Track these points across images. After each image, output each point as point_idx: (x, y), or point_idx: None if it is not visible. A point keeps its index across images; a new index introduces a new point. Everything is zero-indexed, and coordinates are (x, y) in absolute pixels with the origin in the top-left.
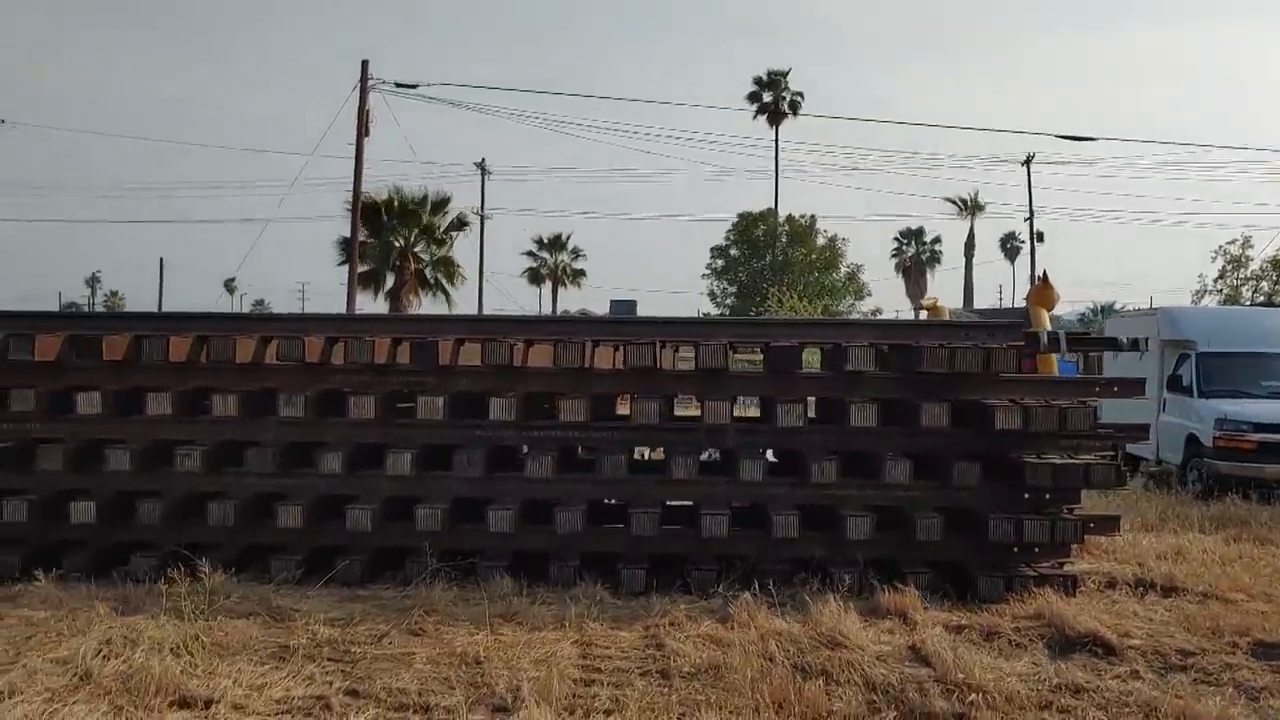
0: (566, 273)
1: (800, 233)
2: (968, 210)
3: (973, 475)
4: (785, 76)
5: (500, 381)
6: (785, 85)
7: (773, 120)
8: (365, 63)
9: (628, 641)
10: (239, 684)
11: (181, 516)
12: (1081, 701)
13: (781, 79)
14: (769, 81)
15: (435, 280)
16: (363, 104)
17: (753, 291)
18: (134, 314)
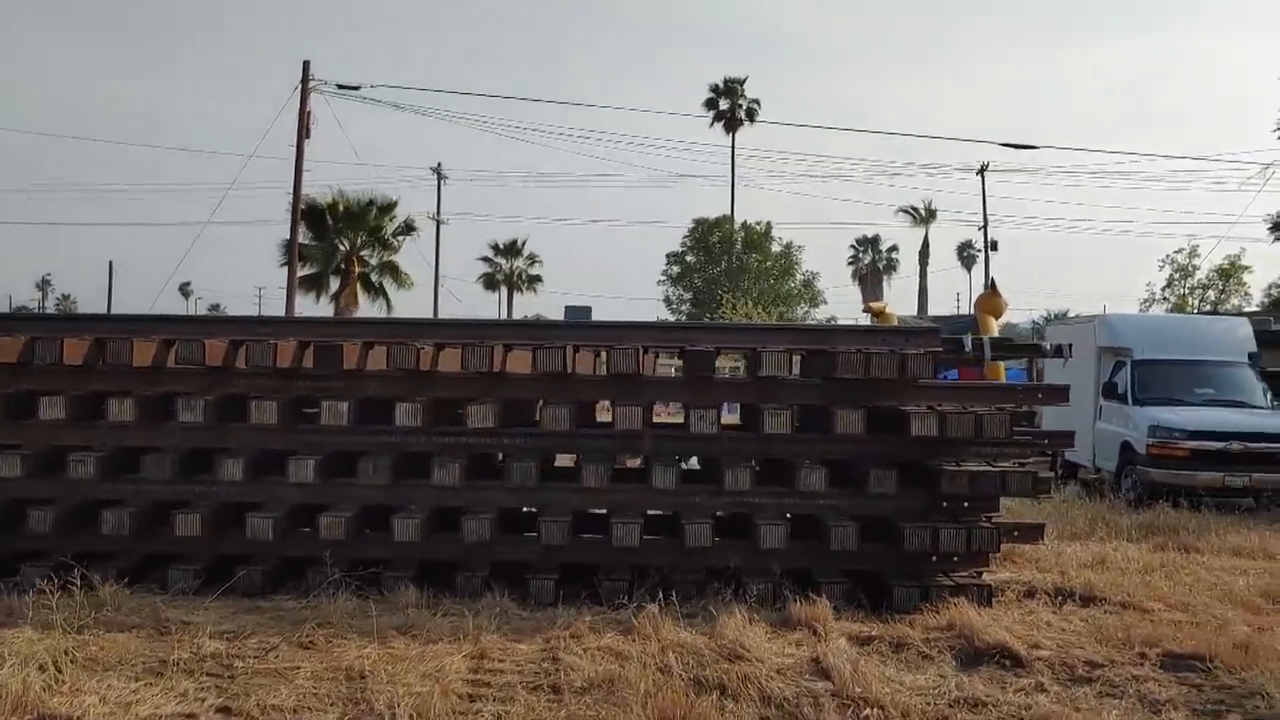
0: (522, 278)
1: (756, 239)
2: (922, 219)
3: (889, 483)
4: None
5: (409, 386)
6: (742, 93)
7: (729, 127)
8: (307, 63)
9: (524, 655)
10: (106, 701)
11: (77, 525)
12: (979, 716)
13: (738, 86)
14: (726, 89)
15: (380, 285)
16: (303, 105)
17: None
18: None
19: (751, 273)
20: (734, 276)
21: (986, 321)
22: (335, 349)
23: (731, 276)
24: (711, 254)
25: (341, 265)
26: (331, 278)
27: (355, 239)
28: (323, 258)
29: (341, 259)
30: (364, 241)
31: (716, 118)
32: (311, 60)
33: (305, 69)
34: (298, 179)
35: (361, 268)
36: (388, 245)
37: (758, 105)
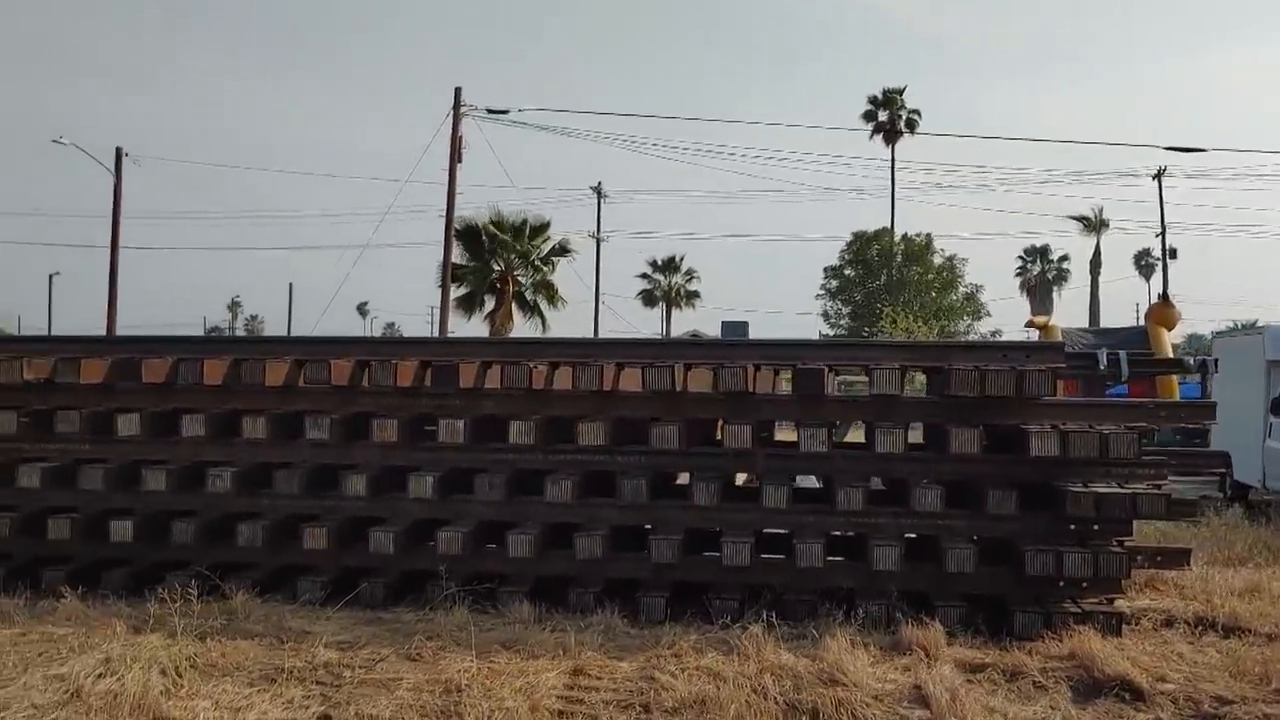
0: (681, 294)
1: (916, 252)
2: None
3: (1009, 504)
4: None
5: (523, 405)
6: (901, 103)
7: (889, 139)
8: (458, 90)
9: (622, 673)
10: (218, 706)
11: (216, 537)
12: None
13: (897, 96)
14: (884, 100)
15: (534, 303)
16: (455, 130)
17: (867, 312)
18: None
19: (912, 286)
20: (894, 290)
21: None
22: (452, 369)
23: (891, 290)
24: (870, 267)
25: (496, 285)
26: (486, 297)
27: (509, 259)
28: (477, 278)
29: (496, 278)
30: (518, 261)
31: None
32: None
33: (457, 95)
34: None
35: (516, 287)
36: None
37: (918, 116)
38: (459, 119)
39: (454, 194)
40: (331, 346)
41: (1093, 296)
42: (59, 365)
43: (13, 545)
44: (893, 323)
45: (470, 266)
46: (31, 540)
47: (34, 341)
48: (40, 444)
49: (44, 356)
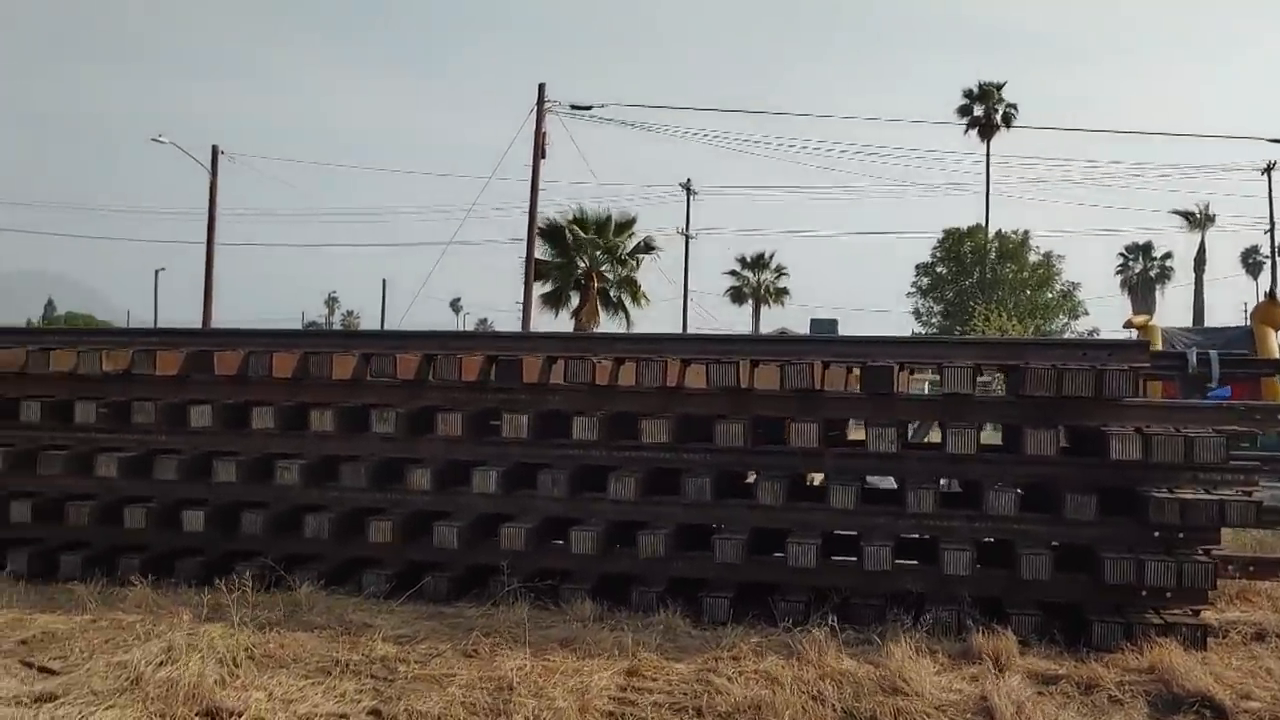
0: (769, 291)
1: (1011, 249)
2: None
3: (1088, 509)
4: (999, 89)
5: (588, 400)
6: (999, 97)
7: (984, 133)
8: (542, 86)
9: (678, 674)
10: (271, 697)
11: (284, 529)
12: None
13: (994, 90)
14: (980, 93)
15: (619, 300)
16: (539, 127)
17: (960, 310)
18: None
19: (1006, 284)
20: (987, 288)
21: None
22: (516, 363)
23: (985, 288)
24: (963, 265)
25: (581, 282)
26: (572, 294)
27: (594, 256)
28: (562, 275)
29: (580, 275)
30: (602, 258)
31: (971, 124)
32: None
33: (541, 91)
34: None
35: (600, 284)
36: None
37: (1014, 110)
38: (543, 115)
39: (537, 190)
40: (398, 340)
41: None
42: (136, 357)
43: (91, 533)
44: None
45: (555, 263)
46: (109, 529)
47: (113, 334)
48: (118, 434)
49: (122, 349)
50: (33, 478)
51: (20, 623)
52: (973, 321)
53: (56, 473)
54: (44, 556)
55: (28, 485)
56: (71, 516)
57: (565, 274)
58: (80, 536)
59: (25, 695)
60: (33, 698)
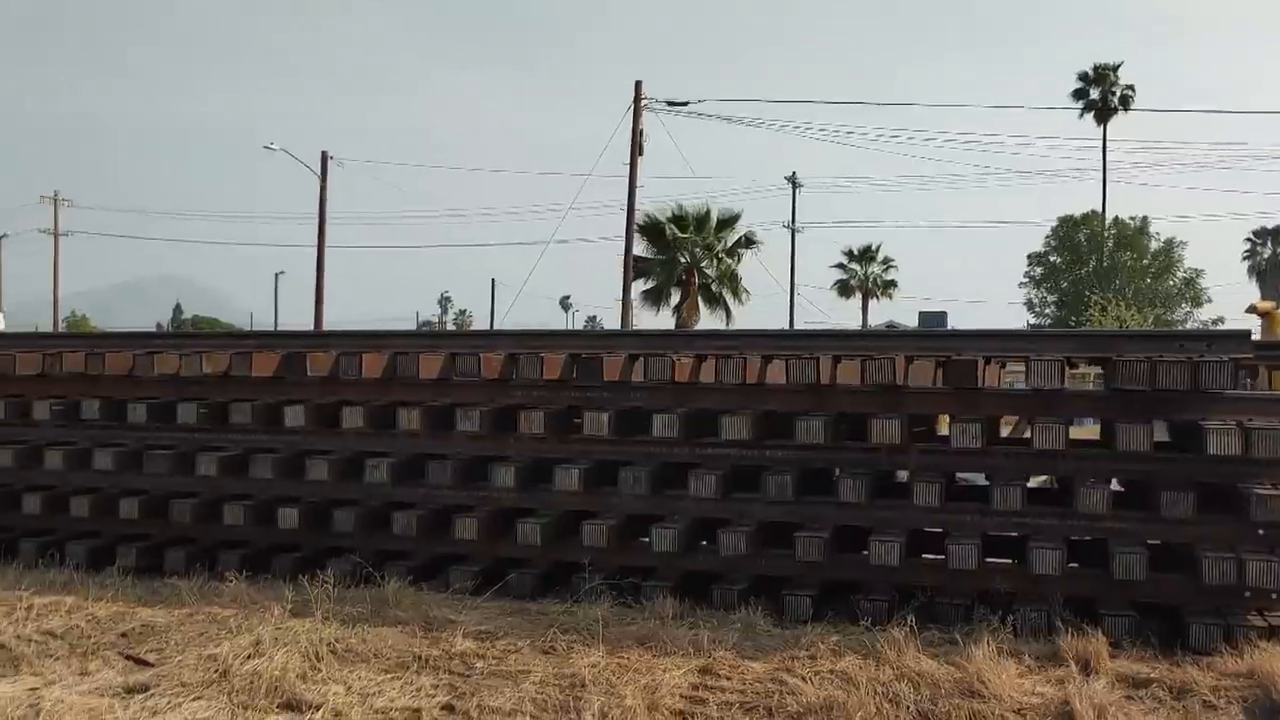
0: (877, 284)
1: (1129, 236)
2: None
3: (1185, 507)
4: (1115, 70)
5: (668, 398)
6: (1115, 79)
7: (1100, 117)
8: (639, 83)
9: (753, 673)
10: (350, 691)
11: (374, 525)
12: None
13: (1110, 73)
14: (1096, 76)
15: (720, 296)
16: (636, 124)
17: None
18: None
19: (1125, 272)
20: (1104, 277)
21: None
22: (597, 361)
23: (1101, 277)
24: (1079, 253)
25: (681, 278)
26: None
27: (694, 252)
28: (663, 271)
29: (681, 272)
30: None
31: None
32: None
33: (637, 88)
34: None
35: (701, 280)
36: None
37: (1132, 92)
38: (639, 112)
39: (635, 188)
40: (482, 340)
41: None
42: (234, 360)
43: (194, 530)
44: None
45: (655, 260)
46: (210, 525)
47: (213, 338)
48: (218, 434)
49: (221, 351)
50: (139, 476)
51: (123, 616)
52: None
53: (161, 471)
54: (151, 552)
55: (135, 484)
56: (175, 513)
57: (666, 270)
58: (184, 533)
59: (120, 686)
60: (126, 688)
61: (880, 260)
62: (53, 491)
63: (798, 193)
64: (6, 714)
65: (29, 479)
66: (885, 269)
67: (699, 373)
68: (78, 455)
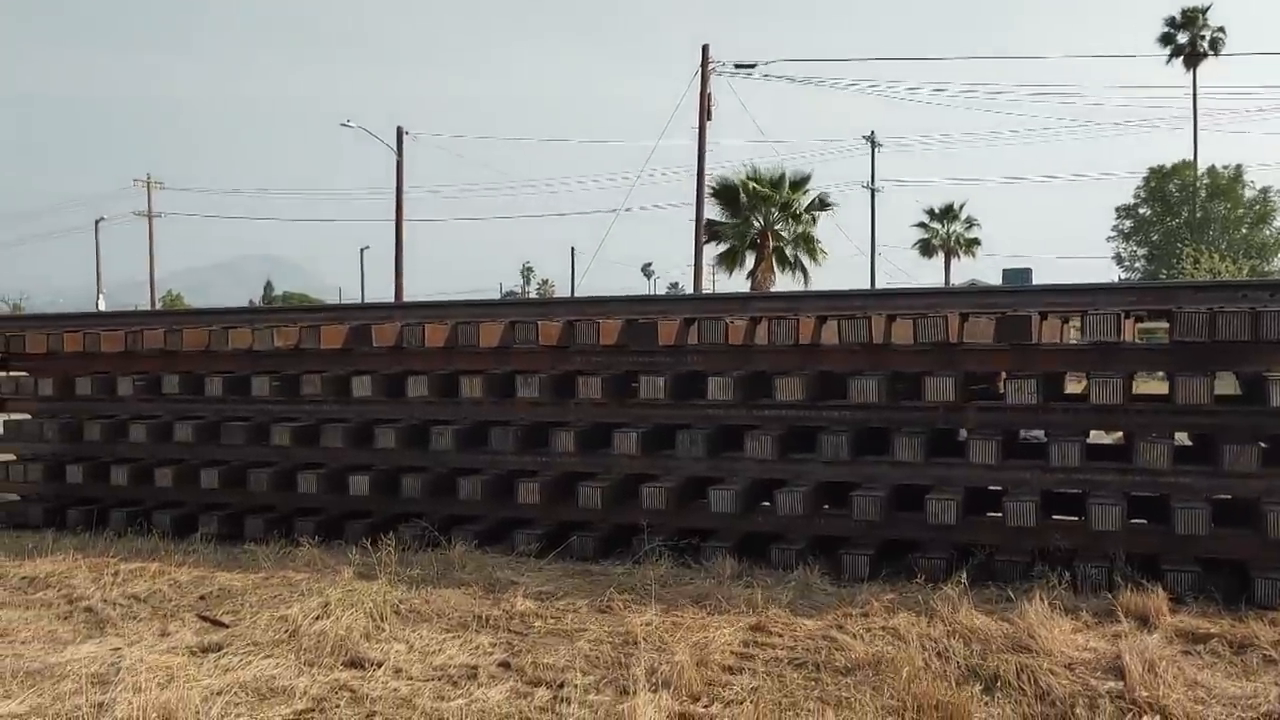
0: (960, 242)
1: (1223, 186)
2: None
3: (1249, 460)
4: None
5: (724, 361)
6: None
7: (1189, 62)
8: (705, 47)
9: (805, 630)
10: (412, 649)
11: (441, 491)
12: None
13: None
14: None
15: (795, 258)
16: (704, 88)
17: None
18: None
19: (1219, 223)
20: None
21: None
22: (652, 326)
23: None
24: (1170, 205)
25: (756, 241)
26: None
27: (768, 214)
28: (737, 235)
29: (755, 235)
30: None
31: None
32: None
33: (704, 52)
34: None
35: (776, 242)
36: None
37: (1223, 34)
38: (707, 76)
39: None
40: (541, 308)
41: None
42: (304, 333)
43: (271, 498)
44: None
45: (729, 223)
46: (287, 493)
47: (284, 312)
48: (291, 405)
49: (291, 325)
50: (218, 447)
51: (202, 580)
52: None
53: (238, 442)
54: (231, 520)
55: (215, 455)
56: (253, 483)
57: (740, 234)
58: (262, 501)
59: (196, 645)
60: (202, 648)
61: (963, 219)
62: (139, 464)
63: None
64: (90, 672)
65: (116, 451)
66: (968, 227)
67: (754, 335)
68: (160, 428)
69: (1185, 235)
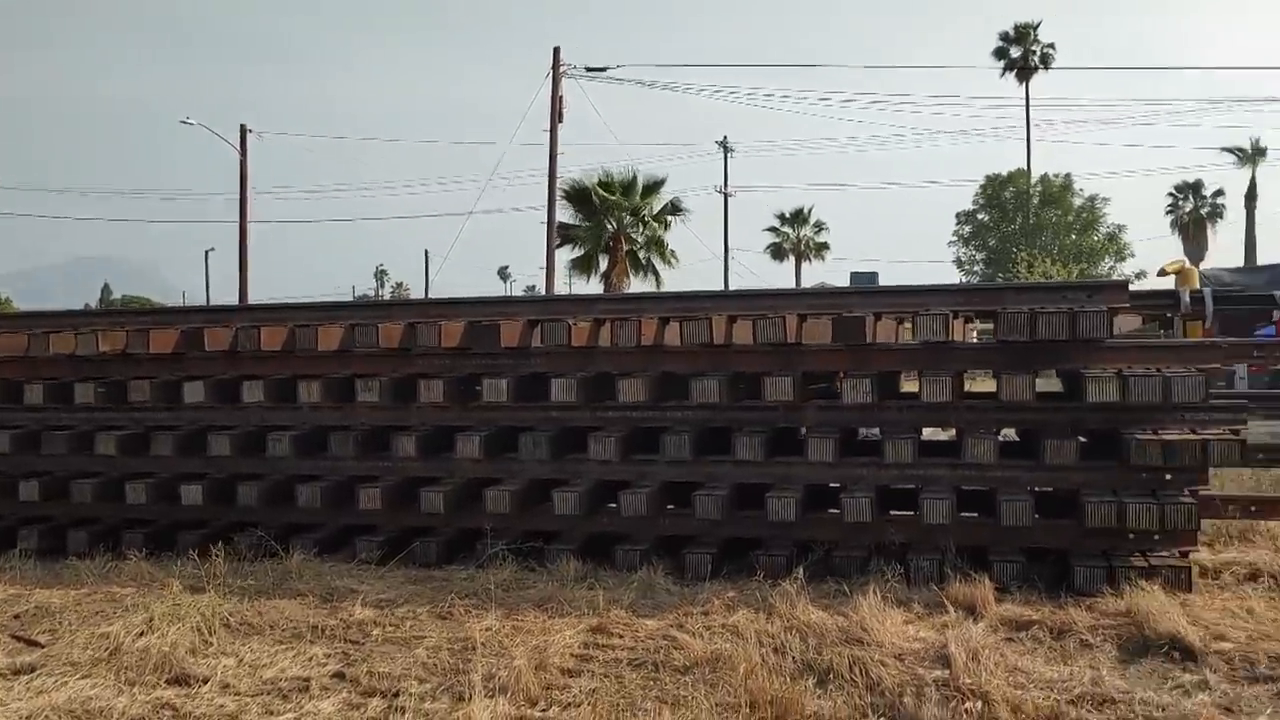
0: (810, 247)
1: (1054, 193)
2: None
3: (1068, 453)
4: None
5: (568, 362)
6: (1035, 38)
7: (1021, 76)
8: (557, 50)
9: (646, 630)
10: (241, 663)
11: (279, 499)
12: (1102, 715)
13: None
14: (1017, 35)
15: (648, 262)
16: (555, 90)
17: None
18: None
19: (1050, 229)
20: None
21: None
22: (495, 328)
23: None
24: (1006, 211)
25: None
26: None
27: (621, 218)
28: (590, 238)
29: (609, 238)
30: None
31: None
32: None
33: (556, 54)
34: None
35: (629, 246)
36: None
37: (1052, 50)
38: (558, 79)
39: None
40: (382, 310)
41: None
42: (131, 337)
43: (97, 509)
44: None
45: (582, 227)
46: (113, 505)
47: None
48: (117, 412)
49: (117, 329)
50: (38, 457)
51: (18, 598)
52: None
53: (60, 451)
54: (53, 533)
55: (35, 465)
56: (76, 494)
57: (593, 237)
58: (86, 513)
59: (6, 668)
60: (13, 670)
61: (813, 223)
62: None
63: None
64: None
65: None
66: (817, 231)
67: (598, 337)
68: None
69: (1020, 240)
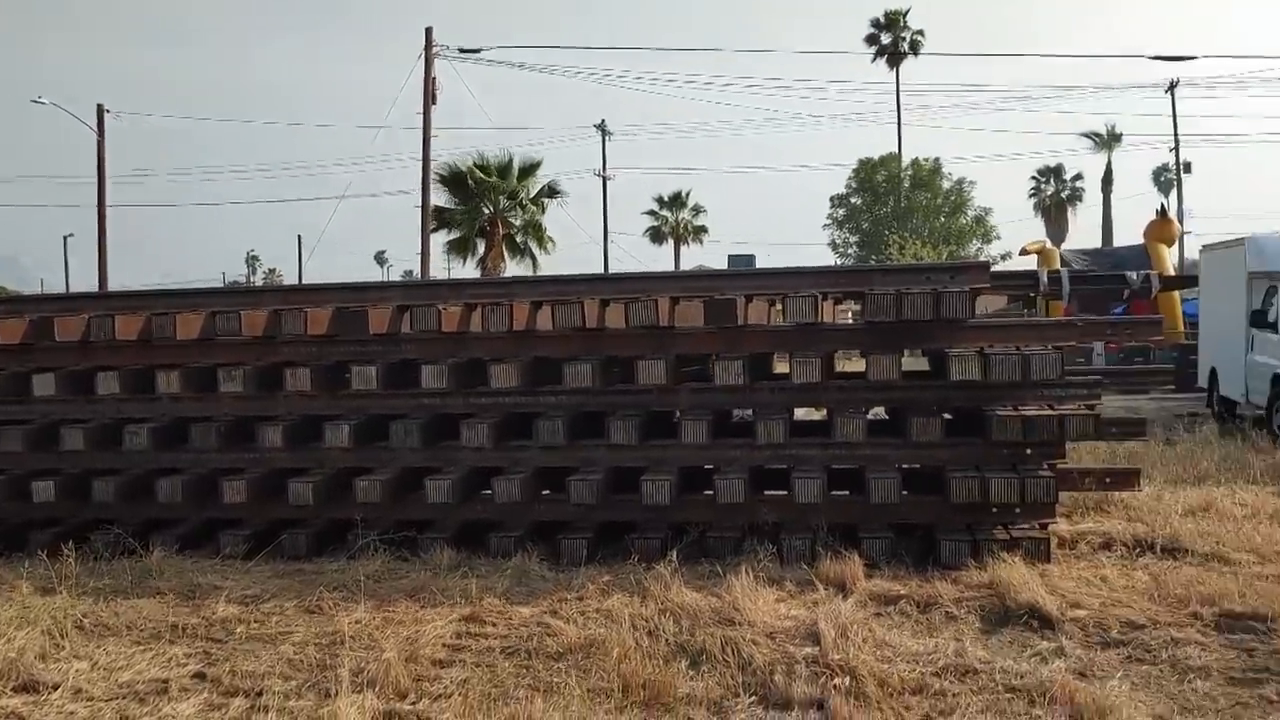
0: (688, 230)
1: (924, 177)
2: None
3: (934, 431)
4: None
5: (438, 348)
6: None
7: (892, 62)
8: (429, 30)
9: (520, 618)
10: (95, 667)
11: (138, 494)
12: (965, 685)
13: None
14: (887, 22)
15: (525, 246)
16: (428, 72)
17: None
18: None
19: (920, 211)
20: (902, 216)
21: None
22: (362, 314)
23: (899, 216)
24: (878, 194)
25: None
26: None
27: (498, 201)
28: (466, 222)
29: (485, 222)
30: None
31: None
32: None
33: (428, 35)
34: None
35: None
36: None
37: (922, 37)
38: (431, 60)
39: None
40: (245, 297)
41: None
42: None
43: None
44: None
45: (458, 210)
46: None
47: None
48: None
49: None
50: None
51: None
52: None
53: None
54: None
55: None
56: None
57: (469, 221)
58: None
59: None
60: None
61: (690, 206)
62: None
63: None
64: None
65: None
66: (695, 215)
67: (469, 322)
68: None
69: (892, 223)
